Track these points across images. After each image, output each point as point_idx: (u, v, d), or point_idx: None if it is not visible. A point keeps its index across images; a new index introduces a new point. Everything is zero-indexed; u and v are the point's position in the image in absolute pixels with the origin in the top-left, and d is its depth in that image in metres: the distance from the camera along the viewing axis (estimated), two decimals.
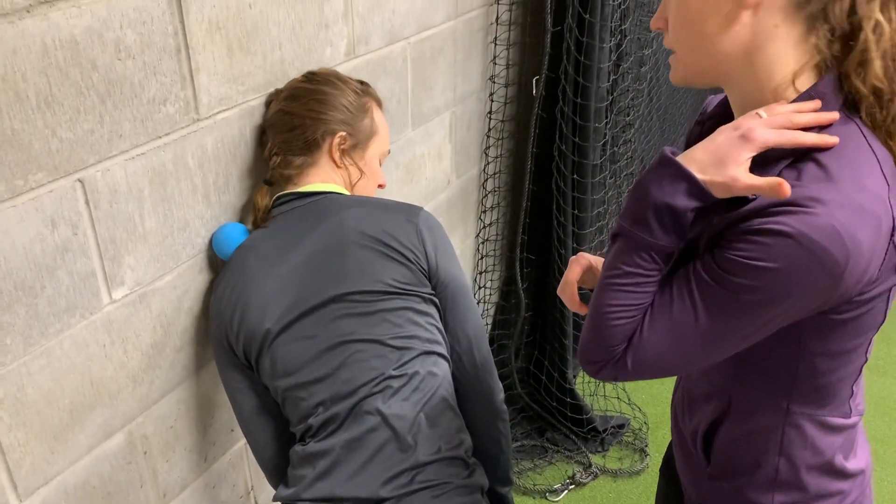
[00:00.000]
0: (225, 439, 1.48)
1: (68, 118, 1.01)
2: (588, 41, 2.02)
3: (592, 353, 0.89)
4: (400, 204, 1.28)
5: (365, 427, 1.16)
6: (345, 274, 1.19)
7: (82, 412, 1.14)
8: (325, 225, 1.23)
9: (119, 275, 1.14)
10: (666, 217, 0.81)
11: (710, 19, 0.81)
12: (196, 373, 1.36)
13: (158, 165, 1.16)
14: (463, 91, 2.07)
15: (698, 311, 0.82)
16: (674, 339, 0.84)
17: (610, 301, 0.86)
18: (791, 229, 0.74)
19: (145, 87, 1.10)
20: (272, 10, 1.30)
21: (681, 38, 0.86)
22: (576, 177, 2.21)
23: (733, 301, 0.79)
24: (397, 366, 1.18)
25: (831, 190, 0.75)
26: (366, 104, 1.34)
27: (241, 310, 1.21)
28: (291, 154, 1.28)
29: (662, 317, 0.84)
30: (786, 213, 0.75)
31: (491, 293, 2.57)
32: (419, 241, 1.23)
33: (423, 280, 1.23)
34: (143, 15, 1.07)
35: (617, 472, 2.41)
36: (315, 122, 1.28)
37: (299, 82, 1.33)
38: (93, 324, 1.12)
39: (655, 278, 0.85)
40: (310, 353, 1.19)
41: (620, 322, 0.86)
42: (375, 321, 1.18)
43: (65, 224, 1.04)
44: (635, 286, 0.85)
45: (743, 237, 0.77)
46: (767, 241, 0.75)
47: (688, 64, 0.87)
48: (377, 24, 1.60)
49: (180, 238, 1.24)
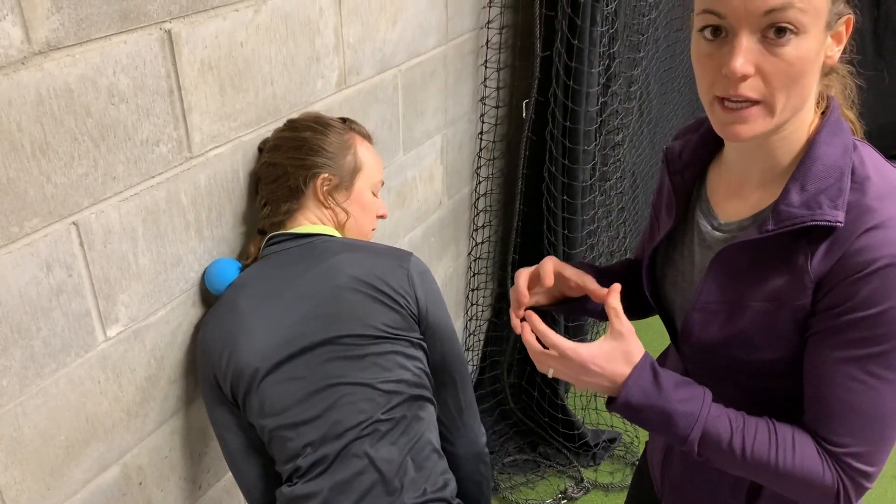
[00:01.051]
0: (219, 466, 1.50)
1: (63, 164, 1.03)
2: (577, 66, 2.05)
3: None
4: (391, 249, 1.30)
5: (353, 470, 1.18)
6: (336, 317, 1.21)
7: (78, 447, 1.17)
8: (317, 268, 1.25)
9: (113, 312, 1.16)
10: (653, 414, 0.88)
11: (814, 75, 0.83)
12: (190, 403, 1.38)
13: (152, 204, 1.18)
14: (454, 114, 2.09)
15: (879, 385, 0.82)
16: (882, 427, 0.84)
17: (767, 470, 0.88)
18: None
19: (138, 129, 1.13)
20: (263, 48, 1.32)
21: (789, 90, 0.81)
22: (566, 198, 2.24)
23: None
24: (385, 410, 1.20)
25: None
26: (348, 141, 1.36)
27: (230, 348, 1.23)
28: (278, 203, 1.32)
29: (852, 420, 0.83)
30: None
31: (483, 310, 2.59)
32: (410, 286, 1.25)
33: (413, 325, 1.26)
34: (136, 60, 1.09)
35: (609, 487, 2.44)
36: (297, 168, 1.31)
37: (281, 132, 1.36)
38: (88, 361, 1.14)
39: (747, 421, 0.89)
40: (299, 394, 1.20)
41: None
42: (365, 365, 1.21)
43: (59, 266, 1.06)
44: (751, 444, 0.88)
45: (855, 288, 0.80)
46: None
47: (781, 118, 0.83)
48: (368, 55, 1.63)
49: (174, 273, 1.26)
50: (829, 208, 0.82)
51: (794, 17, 0.77)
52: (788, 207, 0.84)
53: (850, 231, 0.81)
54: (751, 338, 0.90)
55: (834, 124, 0.86)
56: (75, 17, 0.99)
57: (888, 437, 0.84)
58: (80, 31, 1.00)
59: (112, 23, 1.04)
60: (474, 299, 2.53)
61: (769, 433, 0.88)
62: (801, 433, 0.88)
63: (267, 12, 1.31)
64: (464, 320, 2.54)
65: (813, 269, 0.83)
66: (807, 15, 0.77)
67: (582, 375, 0.90)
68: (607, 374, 0.89)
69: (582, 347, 0.89)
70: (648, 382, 0.89)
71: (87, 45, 1.02)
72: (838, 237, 0.82)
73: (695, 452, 0.90)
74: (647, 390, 0.88)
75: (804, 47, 0.79)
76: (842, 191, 0.82)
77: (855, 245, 0.80)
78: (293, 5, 1.37)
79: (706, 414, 0.88)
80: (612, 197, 2.58)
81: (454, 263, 2.37)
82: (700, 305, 0.95)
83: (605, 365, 0.89)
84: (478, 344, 2.63)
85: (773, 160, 0.90)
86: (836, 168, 0.84)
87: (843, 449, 0.85)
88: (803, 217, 0.83)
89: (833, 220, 0.81)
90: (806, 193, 0.84)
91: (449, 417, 1.31)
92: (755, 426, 0.88)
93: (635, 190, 3.07)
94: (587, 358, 0.88)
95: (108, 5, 1.03)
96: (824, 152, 0.85)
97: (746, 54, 0.79)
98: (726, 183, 0.97)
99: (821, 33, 0.80)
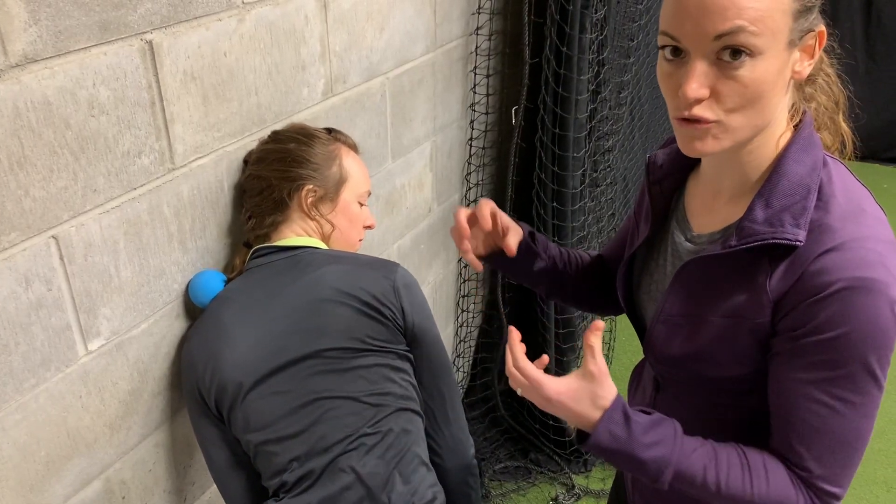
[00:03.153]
0: (204, 479, 1.49)
1: (41, 177, 1.02)
2: (566, 73, 2.04)
3: None
4: (377, 260, 1.29)
5: (340, 485, 1.17)
6: (321, 330, 1.20)
7: (59, 463, 1.15)
8: (302, 280, 1.24)
9: (95, 326, 1.15)
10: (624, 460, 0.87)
11: (776, 94, 0.81)
12: (174, 416, 1.36)
13: (133, 216, 1.17)
14: (443, 120, 2.08)
15: (842, 408, 0.82)
16: (848, 450, 0.83)
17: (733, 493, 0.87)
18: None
19: (119, 141, 1.11)
20: (247, 57, 1.31)
21: (745, 112, 0.80)
22: (556, 204, 2.23)
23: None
24: (371, 423, 1.19)
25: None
26: (333, 152, 1.35)
27: (214, 362, 1.22)
28: (263, 215, 1.30)
29: (819, 444, 0.83)
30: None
31: (474, 317, 2.58)
32: (396, 298, 1.24)
33: (399, 337, 1.25)
34: (117, 71, 1.08)
35: (600, 493, 2.43)
36: (281, 181, 1.29)
37: (265, 143, 1.35)
38: (69, 376, 1.13)
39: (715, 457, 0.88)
40: (284, 408, 1.19)
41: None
42: (351, 378, 1.19)
43: (39, 281, 1.05)
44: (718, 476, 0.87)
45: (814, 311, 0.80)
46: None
47: (736, 133, 0.82)
48: (355, 62, 1.62)
49: (156, 286, 1.25)
50: (790, 226, 0.81)
51: (745, 40, 0.76)
52: (752, 224, 0.84)
53: (809, 251, 0.80)
54: (712, 353, 0.89)
55: (805, 140, 0.85)
56: (53, 29, 0.98)
57: (854, 459, 0.83)
58: (59, 43, 0.99)
59: (91, 34, 1.03)
60: (465, 306, 2.53)
61: (741, 464, 0.87)
62: (772, 460, 0.87)
63: (251, 22, 1.30)
64: (454, 327, 2.53)
65: (771, 289, 0.83)
66: (761, 37, 0.76)
67: (546, 407, 0.89)
68: (573, 413, 0.88)
69: (549, 381, 0.88)
70: (619, 427, 0.86)
71: (66, 57, 1.01)
72: (798, 256, 0.81)
73: (665, 486, 0.89)
74: (617, 436, 0.86)
75: (760, 69, 0.78)
76: (806, 209, 0.82)
77: (813, 266, 0.79)
78: (278, 14, 1.36)
79: (677, 457, 0.87)
80: (603, 203, 2.57)
81: (444, 270, 2.36)
82: (663, 317, 0.95)
83: (571, 404, 0.87)
84: (468, 351, 2.62)
85: (742, 174, 0.89)
86: (803, 185, 0.83)
87: (811, 473, 0.84)
88: (764, 235, 0.82)
89: (793, 239, 0.80)
90: (770, 210, 0.83)
91: (437, 429, 1.30)
92: (727, 458, 0.87)
93: (626, 196, 3.07)
94: (552, 394, 0.87)
95: (87, 17, 1.02)
96: (792, 169, 0.84)
97: (700, 78, 0.78)
98: (702, 195, 0.97)
99: (781, 52, 0.79)
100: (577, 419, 0.88)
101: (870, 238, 0.79)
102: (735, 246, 0.84)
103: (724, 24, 0.75)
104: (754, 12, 0.75)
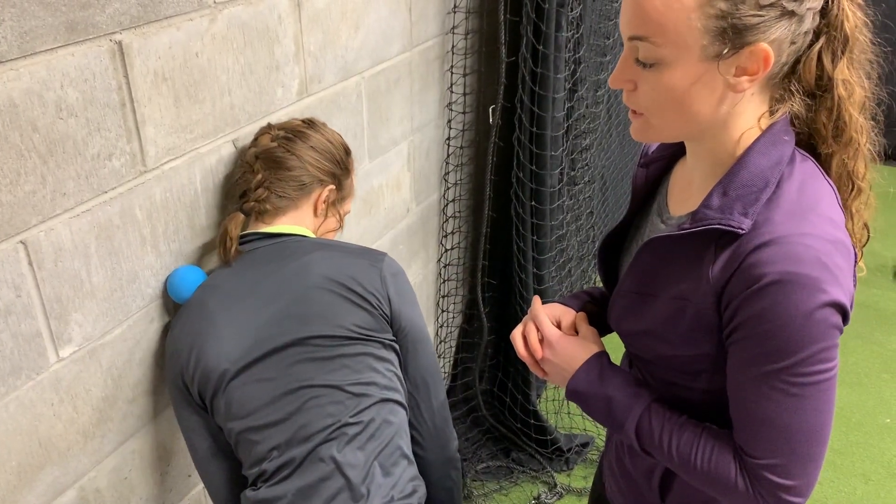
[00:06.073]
0: (182, 485, 1.47)
1: (8, 181, 0.99)
2: (542, 72, 2.04)
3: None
4: (364, 249, 1.28)
5: (318, 475, 1.16)
6: (306, 318, 1.19)
7: (31, 473, 1.13)
8: (289, 268, 1.22)
9: (66, 333, 1.13)
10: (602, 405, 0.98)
11: (699, 102, 0.82)
12: (150, 422, 1.34)
13: (105, 220, 1.15)
14: (420, 120, 2.07)
15: (786, 399, 0.83)
16: (794, 440, 0.84)
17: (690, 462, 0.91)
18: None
19: (89, 143, 1.09)
20: (220, 57, 1.29)
21: (661, 113, 0.84)
22: (534, 203, 2.23)
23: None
24: (353, 413, 1.18)
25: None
26: (350, 164, 1.40)
27: (197, 349, 1.21)
28: (279, 193, 1.29)
29: (763, 433, 0.84)
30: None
31: (454, 317, 2.58)
32: (382, 286, 1.24)
33: (385, 326, 1.24)
34: (85, 73, 1.06)
35: (582, 491, 2.43)
36: (312, 167, 1.31)
37: (298, 125, 1.35)
38: (40, 384, 1.11)
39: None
40: (266, 396, 1.18)
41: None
42: (334, 366, 1.18)
43: (7, 287, 1.03)
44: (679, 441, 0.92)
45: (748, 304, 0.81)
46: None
47: (662, 130, 0.87)
48: (330, 62, 1.60)
49: (130, 290, 1.23)
50: (738, 214, 0.82)
51: (648, 50, 0.80)
52: (706, 209, 0.85)
53: (748, 243, 0.81)
54: (661, 331, 0.92)
55: (774, 135, 0.85)
56: (18, 29, 0.96)
57: (803, 450, 0.83)
58: (24, 45, 0.97)
59: (58, 35, 1.01)
60: (445, 306, 2.52)
61: (695, 436, 0.91)
62: (724, 442, 0.89)
63: (223, 21, 1.28)
64: (434, 327, 2.52)
65: (713, 276, 0.84)
66: (664, 49, 0.79)
67: (551, 357, 1.03)
68: (567, 354, 1.01)
69: (553, 329, 1.04)
70: (595, 374, 0.98)
71: (32, 59, 0.99)
72: (739, 247, 0.82)
73: (634, 443, 0.95)
74: (591, 381, 0.98)
75: (667, 77, 0.80)
76: (758, 200, 0.82)
77: (749, 259, 0.80)
78: (251, 14, 1.34)
79: (643, 407, 0.94)
80: (581, 201, 2.58)
81: (424, 270, 2.35)
82: (622, 292, 0.98)
83: (567, 345, 1.02)
84: (449, 351, 2.61)
85: (709, 164, 0.90)
86: (762, 178, 0.83)
87: (757, 461, 0.85)
88: (711, 220, 0.83)
89: (737, 226, 0.81)
90: (726, 198, 0.84)
91: (420, 421, 1.29)
92: (687, 428, 0.92)
93: (605, 194, 3.08)
94: (555, 338, 1.03)
95: (53, 17, 1.00)
96: (754, 161, 0.84)
97: (621, 71, 0.84)
98: (681, 181, 0.99)
99: (695, 65, 0.79)
100: (567, 363, 1.01)
101: (809, 235, 0.79)
102: (686, 229, 0.86)
103: (632, 28, 0.80)
104: (655, 26, 0.78)
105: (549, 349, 1.03)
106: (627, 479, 1.12)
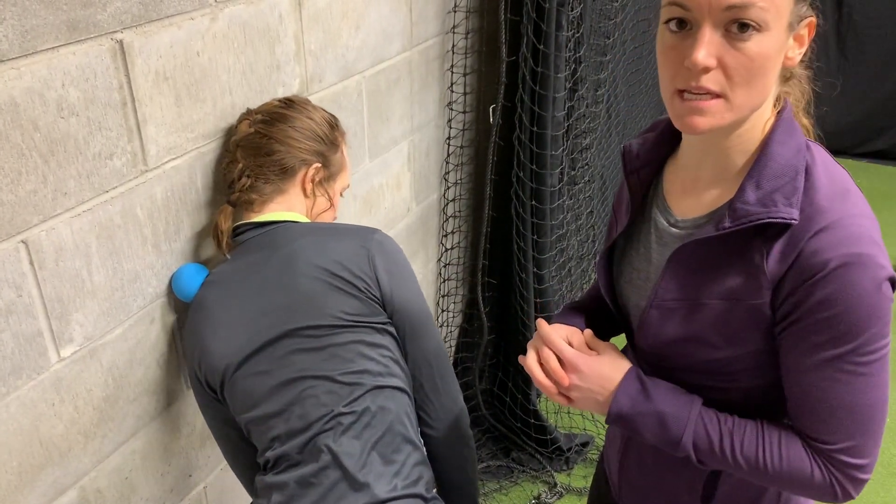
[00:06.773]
0: (183, 485, 1.46)
1: (9, 181, 0.99)
2: (543, 71, 2.04)
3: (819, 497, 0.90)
4: (355, 228, 1.25)
5: (318, 465, 1.16)
6: (294, 308, 1.18)
7: (31, 473, 1.12)
8: (276, 257, 1.22)
9: (67, 332, 1.13)
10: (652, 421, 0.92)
11: (773, 74, 0.84)
12: (151, 422, 1.34)
13: (106, 220, 1.15)
14: (420, 119, 2.07)
15: (854, 380, 0.83)
16: (865, 419, 0.84)
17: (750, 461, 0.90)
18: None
19: (90, 143, 1.09)
20: (221, 57, 1.29)
21: (749, 85, 0.81)
22: (534, 203, 2.23)
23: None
24: (347, 402, 1.17)
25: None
26: (337, 139, 1.36)
27: (200, 348, 1.22)
28: (263, 180, 1.27)
29: (836, 419, 0.85)
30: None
31: (454, 316, 2.57)
32: (370, 268, 1.20)
33: (376, 309, 1.21)
34: (87, 72, 1.06)
35: (582, 491, 2.43)
36: (292, 149, 1.28)
37: (276, 106, 1.32)
38: (41, 384, 1.10)
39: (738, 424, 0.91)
40: (265, 388, 1.19)
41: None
42: (326, 356, 1.18)
43: (8, 287, 1.02)
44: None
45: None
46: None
47: (742, 108, 0.83)
48: (330, 61, 1.60)
49: (131, 290, 1.22)
50: (784, 206, 0.83)
51: (755, 14, 0.78)
52: (745, 205, 0.85)
53: (803, 231, 0.82)
54: (707, 335, 0.91)
55: (787, 123, 0.88)
56: (20, 28, 0.95)
57: (874, 427, 0.85)
58: (26, 43, 0.97)
59: (60, 34, 1.01)
60: (445, 305, 2.52)
61: (757, 435, 0.89)
62: (789, 434, 0.89)
63: (224, 20, 1.28)
64: None
65: (769, 269, 0.84)
66: (768, 13, 0.79)
67: (580, 382, 0.96)
68: (597, 376, 0.95)
69: (575, 352, 0.97)
70: (637, 392, 0.93)
71: (34, 58, 0.98)
72: (793, 237, 0.82)
73: (692, 457, 0.92)
74: (636, 400, 0.92)
75: (766, 44, 0.80)
76: (796, 189, 0.83)
77: (809, 246, 0.81)
78: (251, 13, 1.34)
79: (696, 415, 0.91)
80: (581, 201, 2.58)
81: (424, 270, 2.35)
82: (657, 302, 0.95)
83: (595, 366, 0.96)
84: (449, 350, 2.61)
85: (727, 158, 0.90)
86: (791, 167, 0.85)
87: (831, 446, 0.86)
88: (759, 214, 0.83)
89: (788, 217, 0.82)
90: (761, 191, 0.84)
91: (427, 401, 1.26)
92: (744, 428, 0.90)
93: (604, 193, 3.08)
94: (580, 362, 0.96)
95: (54, 16, 0.99)
96: (779, 151, 0.86)
97: (709, 47, 0.79)
98: (682, 181, 0.98)
99: (782, 32, 0.81)
100: (599, 385, 0.95)
101: (857, 215, 0.81)
102: (729, 227, 0.85)
103: None
104: None
105: (575, 374, 0.96)
106: (656, 489, 1.09)
